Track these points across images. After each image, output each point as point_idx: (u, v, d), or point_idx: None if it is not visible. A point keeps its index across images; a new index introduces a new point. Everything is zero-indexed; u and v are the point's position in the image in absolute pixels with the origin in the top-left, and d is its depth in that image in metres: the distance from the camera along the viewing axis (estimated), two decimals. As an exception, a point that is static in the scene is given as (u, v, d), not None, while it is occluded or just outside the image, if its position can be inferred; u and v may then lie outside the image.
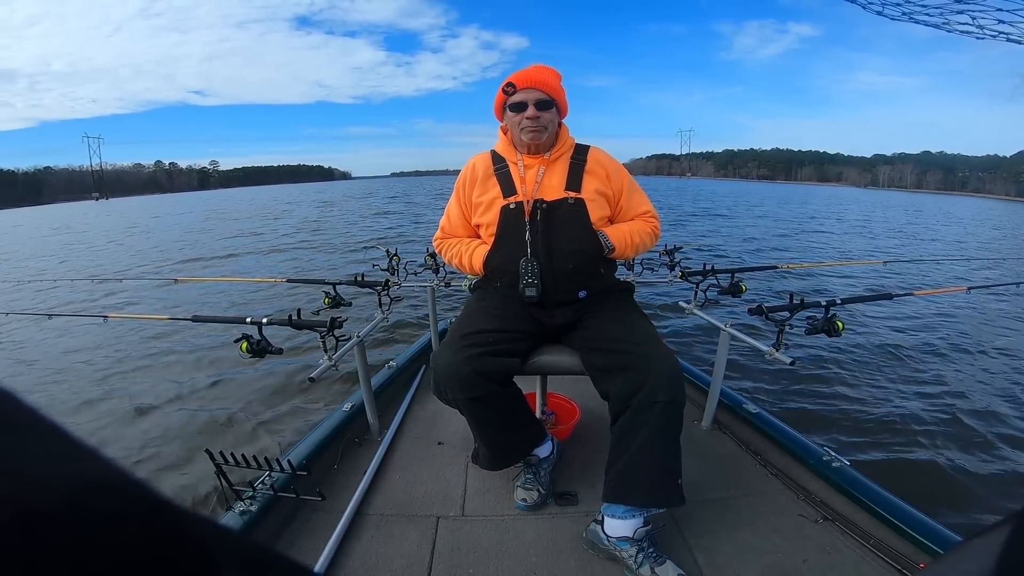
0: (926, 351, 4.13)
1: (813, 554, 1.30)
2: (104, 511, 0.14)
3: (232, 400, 3.25)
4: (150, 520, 0.15)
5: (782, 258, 9.51)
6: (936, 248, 12.55)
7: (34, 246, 15.55)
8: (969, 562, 0.22)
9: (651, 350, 1.26)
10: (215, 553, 0.16)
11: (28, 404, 0.14)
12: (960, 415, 3.00)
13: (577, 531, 1.36)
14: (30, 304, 5.86)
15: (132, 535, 0.14)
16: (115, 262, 10.57)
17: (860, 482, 1.42)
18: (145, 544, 0.14)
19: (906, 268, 7.68)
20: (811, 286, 6.60)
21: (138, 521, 0.15)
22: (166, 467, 2.53)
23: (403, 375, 2.34)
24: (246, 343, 1.48)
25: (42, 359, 4.24)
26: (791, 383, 3.34)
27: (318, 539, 1.32)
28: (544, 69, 1.40)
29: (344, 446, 1.76)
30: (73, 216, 36.08)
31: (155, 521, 0.15)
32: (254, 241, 12.89)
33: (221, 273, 8.49)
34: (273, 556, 0.20)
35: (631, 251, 1.48)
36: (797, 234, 13.74)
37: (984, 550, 0.21)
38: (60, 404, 3.32)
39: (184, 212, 30.97)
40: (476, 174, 1.50)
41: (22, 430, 0.14)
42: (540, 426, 1.50)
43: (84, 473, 0.14)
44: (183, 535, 0.16)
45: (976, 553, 0.22)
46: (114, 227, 21.39)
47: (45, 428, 0.14)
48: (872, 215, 24.10)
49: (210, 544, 0.17)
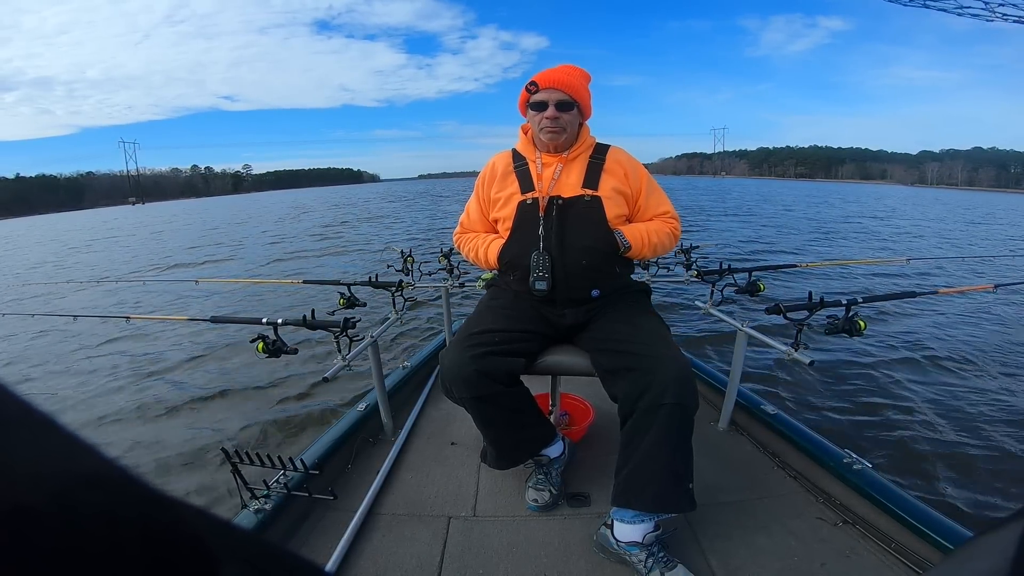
0: (951, 351, 4.01)
1: (831, 558, 1.27)
2: (95, 507, 0.13)
3: (248, 400, 3.30)
4: (144, 516, 0.15)
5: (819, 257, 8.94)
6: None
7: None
8: (980, 560, 0.21)
9: (659, 351, 1.24)
10: (215, 549, 0.16)
11: (19, 396, 0.14)
12: (987, 417, 2.90)
13: (588, 533, 1.35)
14: (56, 306, 6.05)
15: (125, 532, 0.14)
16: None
17: (882, 485, 1.38)
18: (139, 541, 0.14)
19: (930, 266, 7.48)
20: (832, 285, 6.45)
21: (131, 517, 0.14)
22: (183, 465, 2.59)
23: (417, 375, 2.34)
24: (262, 343, 1.50)
25: (65, 358, 4.37)
26: (810, 384, 3.27)
27: (330, 538, 1.33)
28: (571, 70, 1.39)
29: (358, 446, 1.77)
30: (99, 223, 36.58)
31: (150, 517, 0.15)
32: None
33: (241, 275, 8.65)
34: (278, 552, 0.20)
35: (648, 251, 1.46)
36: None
37: (995, 547, 0.20)
38: (78, 403, 3.42)
39: (257, 214, 28.36)
40: (496, 171, 1.52)
41: (12, 423, 0.13)
42: (549, 426, 1.49)
43: (75, 468, 0.14)
44: (180, 531, 0.15)
45: (988, 550, 0.21)
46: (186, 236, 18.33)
47: (36, 421, 0.14)
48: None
49: (210, 540, 0.16)
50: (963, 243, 12.08)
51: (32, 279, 9.75)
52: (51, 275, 10.45)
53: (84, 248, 16.46)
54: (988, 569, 0.20)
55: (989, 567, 0.20)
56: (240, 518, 1.30)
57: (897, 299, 1.86)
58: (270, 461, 1.34)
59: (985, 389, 3.33)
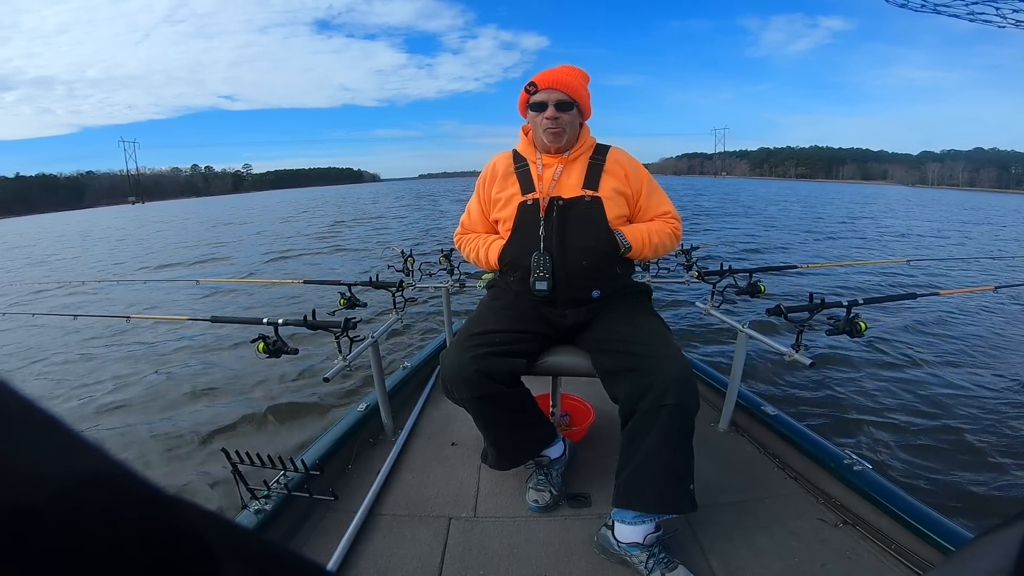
0: (952, 352, 4.00)
1: (832, 558, 1.27)
2: (97, 506, 0.13)
3: (248, 400, 3.29)
4: (146, 515, 0.15)
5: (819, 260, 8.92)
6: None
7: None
8: (983, 560, 0.21)
9: (660, 352, 1.24)
10: (217, 548, 0.16)
11: (22, 394, 0.14)
12: (988, 418, 2.89)
13: (589, 533, 1.35)
14: (57, 305, 6.05)
15: (127, 531, 0.14)
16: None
17: (882, 486, 1.39)
18: (140, 540, 0.14)
19: (931, 267, 7.46)
20: (832, 286, 6.45)
21: (133, 517, 0.14)
22: (183, 465, 2.58)
23: (417, 376, 2.34)
24: (263, 343, 1.50)
25: (65, 358, 4.36)
26: (811, 385, 3.27)
27: (331, 538, 1.33)
28: (570, 70, 1.40)
29: (358, 446, 1.77)
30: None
31: (151, 516, 0.15)
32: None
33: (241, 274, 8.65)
34: (280, 551, 0.20)
35: (649, 251, 1.46)
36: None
37: (999, 547, 0.20)
38: (76, 403, 3.41)
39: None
40: (496, 172, 1.52)
41: (13, 421, 0.13)
42: (550, 426, 1.49)
43: (77, 467, 0.14)
44: (182, 530, 0.15)
45: (991, 550, 0.21)
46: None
47: (38, 420, 0.14)
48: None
49: (212, 539, 0.16)
50: (962, 243, 12.05)
51: (26, 278, 9.73)
52: (48, 274, 10.45)
53: (79, 246, 16.44)
54: (991, 569, 0.20)
55: (992, 567, 0.20)
56: (240, 519, 1.30)
57: (898, 300, 1.85)
58: (270, 461, 1.34)
59: (986, 390, 3.33)
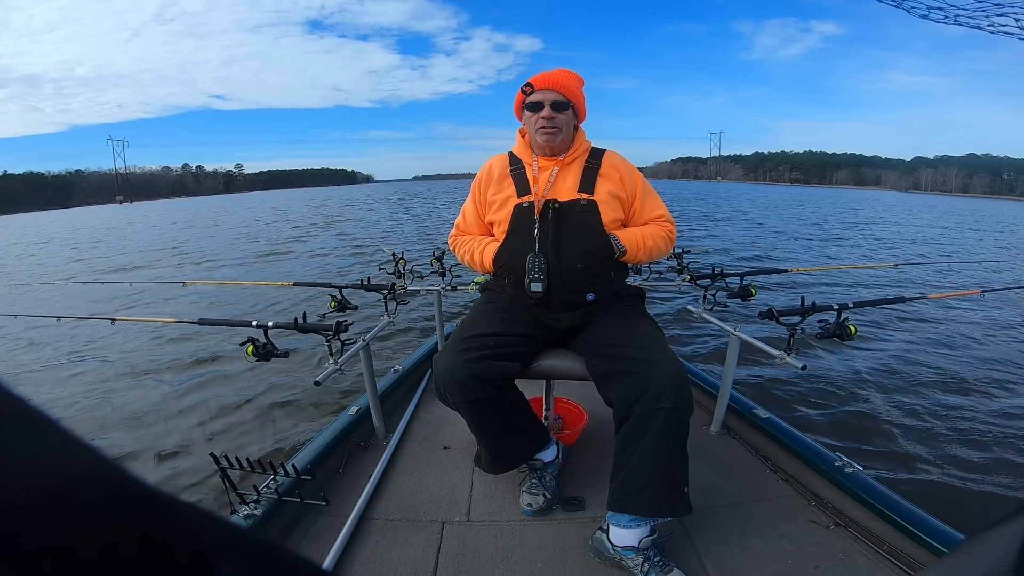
0: (940, 355, 4.06)
1: (825, 560, 1.28)
2: (91, 506, 0.13)
3: (237, 404, 3.25)
4: (141, 515, 0.14)
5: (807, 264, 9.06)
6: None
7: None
8: (985, 554, 0.21)
9: (654, 356, 1.24)
10: (213, 548, 0.16)
11: (15, 393, 0.13)
12: (977, 420, 2.94)
13: (583, 537, 1.35)
14: (40, 305, 5.94)
15: (121, 531, 0.13)
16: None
17: (873, 487, 1.40)
18: (135, 540, 0.14)
19: (918, 271, 7.58)
20: (823, 290, 6.53)
21: (127, 516, 0.14)
22: (170, 470, 2.54)
23: (409, 379, 2.33)
24: (252, 346, 1.48)
25: (49, 361, 4.28)
26: (802, 388, 3.30)
27: (323, 544, 1.31)
28: (566, 73, 1.41)
29: (349, 450, 1.75)
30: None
31: (146, 516, 0.14)
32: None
33: (230, 276, 8.56)
34: (276, 550, 0.19)
35: (644, 255, 1.46)
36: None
37: (1001, 541, 0.20)
38: (60, 407, 3.35)
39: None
40: (492, 174, 1.52)
41: (5, 420, 0.13)
42: (543, 430, 1.48)
43: (71, 467, 0.13)
44: (177, 530, 0.15)
45: (993, 544, 0.21)
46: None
47: (32, 419, 0.13)
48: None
49: (208, 539, 0.16)
50: (950, 246, 12.27)
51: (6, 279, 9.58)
52: (29, 274, 10.28)
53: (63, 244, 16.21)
54: (993, 562, 0.20)
55: (994, 560, 0.20)
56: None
57: (887, 304, 1.88)
58: (260, 466, 1.32)
59: (974, 391, 3.38)
